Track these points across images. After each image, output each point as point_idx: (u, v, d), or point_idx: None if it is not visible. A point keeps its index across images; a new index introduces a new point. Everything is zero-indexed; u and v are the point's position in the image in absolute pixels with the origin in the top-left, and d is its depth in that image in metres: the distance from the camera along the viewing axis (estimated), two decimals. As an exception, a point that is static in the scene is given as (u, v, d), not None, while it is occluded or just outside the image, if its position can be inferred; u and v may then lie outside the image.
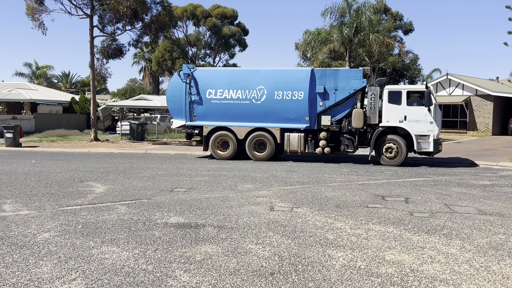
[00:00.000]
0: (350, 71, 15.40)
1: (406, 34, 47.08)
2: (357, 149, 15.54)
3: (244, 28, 62.12)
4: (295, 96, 15.38)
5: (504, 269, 4.89)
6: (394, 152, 14.65)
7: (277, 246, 5.60)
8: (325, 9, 27.34)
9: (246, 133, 15.90)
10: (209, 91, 16.22)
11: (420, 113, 14.47)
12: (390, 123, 14.77)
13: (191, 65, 16.94)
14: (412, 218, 7.26)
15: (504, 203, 8.69)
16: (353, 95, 15.22)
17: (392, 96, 14.83)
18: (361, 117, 14.85)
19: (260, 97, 15.66)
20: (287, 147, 15.60)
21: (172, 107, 17.18)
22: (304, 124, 15.46)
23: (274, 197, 8.91)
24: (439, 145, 14.64)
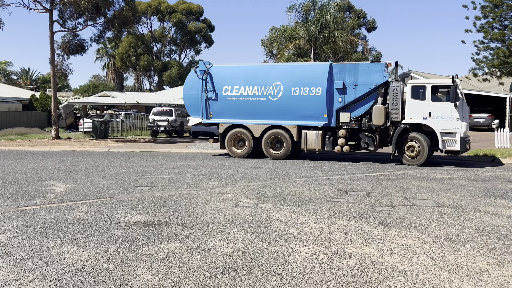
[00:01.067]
0: (371, 65, 14.62)
1: (369, 31, 48.06)
2: (378, 148, 14.78)
3: (210, 24, 61.79)
4: (312, 92, 14.78)
5: (459, 259, 5.07)
6: (416, 151, 13.76)
7: (241, 242, 5.62)
8: (290, 6, 27.58)
9: (262, 130, 15.48)
10: (225, 87, 15.84)
11: (446, 109, 13.49)
12: (413, 120, 13.90)
13: (207, 61, 16.44)
14: (374, 211, 7.43)
15: (461, 195, 9.01)
16: (374, 90, 14.42)
17: (416, 91, 13.96)
18: (382, 114, 14.08)
19: (276, 93, 15.20)
20: (304, 145, 15.04)
21: (188, 104, 16.82)
22: (322, 121, 14.83)
23: (240, 194, 8.92)
24: (466, 143, 13.67)
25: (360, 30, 46.50)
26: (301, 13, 28.31)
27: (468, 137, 13.82)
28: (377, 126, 14.23)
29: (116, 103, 41.79)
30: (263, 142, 15.48)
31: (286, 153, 15.28)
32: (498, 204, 8.20)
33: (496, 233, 6.16)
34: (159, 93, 48.60)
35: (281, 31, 30.85)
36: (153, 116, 29.00)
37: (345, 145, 14.63)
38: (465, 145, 13.55)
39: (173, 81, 55.81)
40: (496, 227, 6.49)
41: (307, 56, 35.17)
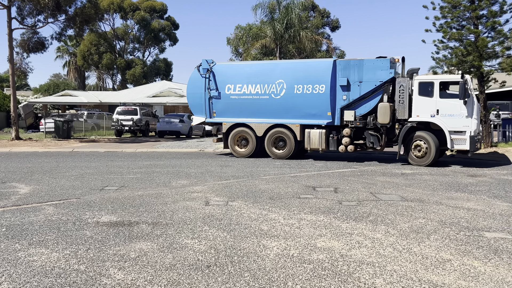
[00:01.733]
0: (376, 61, 13.96)
1: (333, 31, 48.81)
2: (385, 147, 14.21)
3: (175, 22, 61.22)
4: (316, 89, 14.33)
5: (423, 250, 5.29)
6: (423, 150, 13.15)
7: (213, 240, 5.66)
8: (255, 4, 27.76)
9: (265, 129, 15.13)
10: (228, 86, 15.52)
11: (455, 107, 12.88)
12: (420, 118, 13.29)
13: (210, 60, 16.05)
14: (341, 206, 7.61)
15: (423, 189, 9.34)
16: (380, 87, 13.85)
17: (423, 88, 13.36)
18: (387, 112, 13.49)
19: (279, 91, 14.81)
20: (308, 144, 14.55)
21: (192, 103, 16.50)
22: (326, 120, 14.35)
23: (209, 192, 8.94)
24: (476, 142, 13.05)
25: (324, 29, 47.17)
26: (266, 12, 28.51)
27: (478, 136, 13.24)
28: (382, 124, 13.70)
29: (78, 103, 40.82)
30: (266, 142, 15.14)
31: (289, 152, 14.88)
32: (459, 197, 8.55)
33: (458, 224, 6.44)
34: (123, 91, 47.81)
35: (247, 30, 30.95)
36: (117, 116, 28.52)
37: (349, 145, 14.15)
38: (475, 144, 12.93)
39: (137, 79, 54.98)
40: (457, 219, 6.78)
41: (273, 55, 35.39)
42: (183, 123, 27.29)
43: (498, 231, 6.12)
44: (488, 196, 8.63)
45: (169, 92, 41.06)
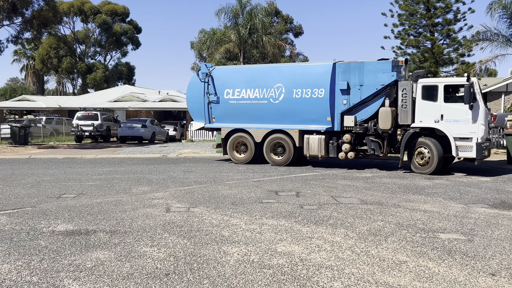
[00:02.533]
0: (377, 64, 13.32)
1: (296, 36, 49.42)
2: (387, 154, 13.41)
3: (137, 26, 60.43)
4: (315, 94, 13.78)
5: (381, 252, 5.40)
6: (425, 158, 12.43)
7: (172, 247, 5.58)
8: (219, 9, 27.73)
9: (264, 135, 14.65)
10: (226, 90, 15.11)
11: (460, 111, 12.12)
12: (423, 124, 12.56)
13: (210, 64, 15.73)
14: (302, 210, 7.68)
15: (383, 192, 9.55)
16: (382, 91, 13.14)
17: (427, 91, 12.63)
18: (388, 117, 12.79)
19: (278, 96, 14.32)
20: (307, 151, 13.93)
21: (191, 108, 16.10)
22: (325, 125, 13.75)
23: (171, 198, 8.83)
24: (484, 150, 12.07)
25: (287, 35, 47.66)
26: (230, 17, 28.58)
27: (486, 143, 12.32)
28: (384, 130, 12.98)
29: (36, 108, 39.56)
30: (265, 148, 14.67)
31: (288, 159, 14.34)
32: (416, 199, 8.79)
33: (414, 226, 6.62)
34: (83, 96, 46.69)
35: (211, 34, 30.87)
36: (77, 121, 27.80)
37: (350, 151, 13.45)
38: (482, 151, 12.00)
39: (98, 84, 53.84)
40: (414, 221, 6.96)
41: (237, 60, 35.46)
42: (145, 128, 26.88)
43: (452, 232, 6.32)
44: (443, 198, 8.91)
45: (132, 96, 40.40)
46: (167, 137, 29.60)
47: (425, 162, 12.45)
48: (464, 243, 5.76)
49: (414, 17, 22.66)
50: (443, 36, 22.66)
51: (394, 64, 13.07)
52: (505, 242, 5.82)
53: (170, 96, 42.24)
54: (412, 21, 22.65)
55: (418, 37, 22.63)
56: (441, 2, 22.45)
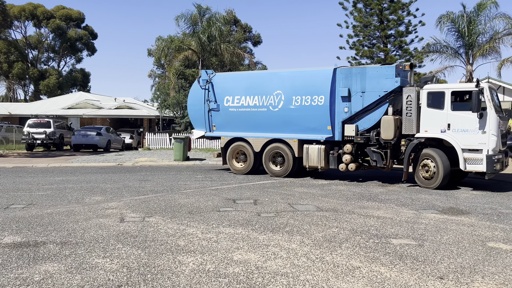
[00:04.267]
0: (380, 69, 12.48)
1: (255, 45, 49.78)
2: (391, 166, 12.42)
3: (93, 31, 59.13)
4: (314, 101, 13.02)
5: (335, 258, 5.48)
6: (431, 171, 11.40)
7: (126, 258, 5.45)
8: (178, 16, 27.54)
9: (263, 144, 14.02)
10: (226, 98, 14.57)
11: (469, 120, 11.04)
12: (428, 134, 11.59)
13: (210, 71, 15.14)
14: (260, 218, 7.69)
15: (338, 199, 9.73)
16: (385, 98, 12.24)
17: (433, 99, 11.62)
18: (391, 126, 11.85)
19: (277, 103, 13.65)
20: (306, 161, 13.17)
21: (192, 116, 15.64)
22: (325, 134, 12.95)
23: (125, 208, 8.63)
24: (495, 163, 10.85)
25: (246, 43, 47.94)
26: (189, 24, 28.44)
27: (498, 155, 11.08)
28: (386, 140, 12.03)
29: (-16, 115, 37.79)
30: (264, 157, 14.04)
31: (287, 170, 13.59)
32: (370, 206, 9.01)
33: (368, 232, 6.77)
34: (35, 103, 45.08)
35: (168, 42, 30.58)
36: (29, 128, 26.73)
37: (350, 163, 12.58)
38: (494, 165, 10.81)
39: (52, 90, 52.13)
40: (368, 227, 7.13)
41: (196, 67, 35.29)
42: (100, 136, 26.21)
43: (403, 237, 6.51)
44: (396, 205, 9.18)
45: (86, 104, 39.37)
46: (123, 145, 28.96)
47: (431, 175, 11.41)
48: (415, 248, 5.94)
49: (368, 28, 23.38)
50: (395, 48, 23.48)
51: (398, 69, 12.16)
52: (453, 247, 6.05)
53: (127, 104, 41.49)
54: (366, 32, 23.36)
55: (372, 48, 23.34)
56: (393, 14, 23.32)
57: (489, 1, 24.60)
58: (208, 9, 28.66)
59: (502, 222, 7.60)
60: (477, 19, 24.95)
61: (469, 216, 8.09)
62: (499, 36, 25.52)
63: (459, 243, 6.21)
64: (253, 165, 14.29)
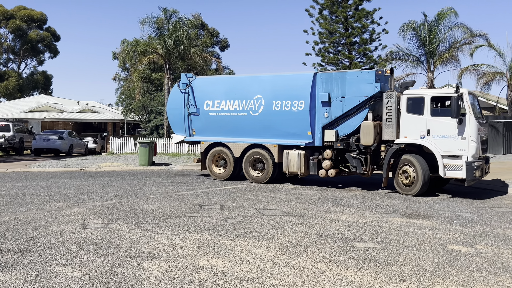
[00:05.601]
0: (360, 74, 12.31)
1: (222, 50, 49.70)
2: (371, 172, 12.24)
3: (55, 33, 57.63)
4: (294, 106, 12.84)
5: (301, 263, 5.51)
6: (410, 177, 11.25)
7: (88, 266, 5.30)
8: (143, 19, 27.14)
9: (243, 150, 13.73)
10: (206, 102, 14.29)
11: (449, 126, 10.93)
12: (408, 139, 11.47)
13: (190, 74, 14.82)
14: (226, 223, 7.66)
15: (304, 204, 9.81)
16: (365, 103, 12.11)
17: (412, 104, 11.51)
18: (370, 132, 11.72)
19: (257, 108, 13.42)
20: (286, 167, 12.94)
21: (172, 121, 15.22)
22: (305, 139, 12.77)
23: (88, 214, 8.41)
24: (475, 169, 10.70)
25: (213, 48, 47.79)
26: (155, 27, 28.09)
27: (478, 162, 10.91)
28: (366, 146, 11.88)
29: None
30: (244, 163, 13.77)
31: (267, 176, 13.34)
32: (335, 210, 9.12)
33: (333, 236, 6.85)
34: (-7, 106, 43.40)
35: (134, 45, 30.08)
36: (-14, 132, 25.70)
37: (330, 169, 12.41)
38: (473, 171, 10.65)
39: (11, 93, 50.38)
40: (333, 231, 7.21)
41: (162, 71, 34.91)
42: (62, 140, 25.49)
43: (368, 241, 6.63)
44: (360, 209, 9.33)
45: (48, 107, 38.26)
46: (86, 150, 28.27)
47: (410, 181, 11.27)
48: (379, 252, 6.05)
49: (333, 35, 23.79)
50: (360, 55, 23.98)
51: (378, 74, 12.03)
52: (415, 249, 6.20)
53: (90, 107, 40.59)
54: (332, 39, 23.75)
55: (338, 55, 23.75)
56: (358, 22, 23.81)
57: (449, 11, 25.49)
58: (175, 12, 28.42)
59: (462, 225, 7.86)
60: (437, 28, 25.78)
61: (430, 219, 8.32)
62: (458, 45, 26.44)
63: (421, 246, 6.36)
64: (233, 171, 14.06)
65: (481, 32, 26.27)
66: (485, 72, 26.69)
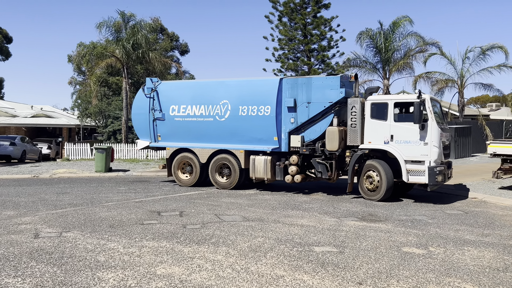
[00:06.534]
0: (325, 79, 12.38)
1: (182, 54, 49.34)
2: (336, 177, 12.24)
3: (7, 35, 55.51)
4: (261, 111, 12.79)
5: (260, 268, 5.52)
6: (375, 182, 11.34)
7: (40, 276, 5.10)
8: (100, 22, 26.54)
9: (209, 155, 13.52)
10: (172, 107, 13.96)
11: (412, 132, 11.07)
12: (372, 145, 11.58)
13: (156, 79, 14.37)
14: (185, 230, 7.57)
15: (264, 209, 9.84)
16: (330, 109, 12.15)
17: (376, 109, 11.60)
18: (335, 137, 11.75)
19: (224, 113, 13.29)
20: (253, 173, 12.84)
21: (137, 126, 14.78)
22: (272, 145, 12.72)
23: (41, 223, 8.11)
24: (437, 174, 10.87)
25: (173, 52, 47.34)
26: (112, 31, 27.52)
27: (440, 167, 11.09)
28: (331, 151, 11.92)
29: None
30: (210, 169, 13.56)
31: (233, 181, 13.21)
32: (295, 215, 9.20)
33: (292, 241, 6.90)
34: None
35: (90, 48, 29.35)
36: None
37: (296, 174, 12.40)
38: (435, 177, 10.85)
39: (-41, 96, 48.00)
40: (292, 236, 7.27)
41: (120, 75, 34.25)
42: (14, 146, 24.49)
43: (325, 245, 6.72)
44: (319, 213, 9.46)
45: (-1, 111, 36.71)
46: (40, 156, 27.28)
47: (375, 186, 11.37)
48: (336, 255, 6.15)
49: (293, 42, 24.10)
50: (318, 62, 24.40)
51: (343, 80, 12.19)
52: (371, 252, 6.34)
53: (45, 112, 39.28)
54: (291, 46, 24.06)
55: (297, 61, 24.07)
56: (316, 29, 24.22)
57: (403, 19, 26.37)
58: (133, 16, 27.97)
59: (416, 228, 8.11)
60: (392, 37, 26.62)
61: (386, 223, 8.54)
62: (412, 53, 27.40)
63: (376, 249, 6.52)
64: (199, 177, 13.83)
65: (434, 40, 27.39)
66: (437, 79, 27.81)
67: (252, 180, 13.44)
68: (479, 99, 65.37)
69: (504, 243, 7.04)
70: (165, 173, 15.38)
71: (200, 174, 13.81)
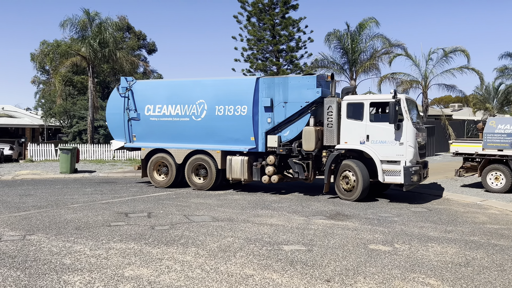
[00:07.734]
0: (302, 79, 12.32)
1: (150, 53, 48.69)
2: (313, 177, 12.22)
3: (-35, 31, 53.32)
4: (237, 111, 12.65)
5: (229, 268, 5.53)
6: (351, 182, 11.35)
7: (2, 281, 4.95)
8: (64, 20, 25.87)
9: (185, 156, 13.29)
10: (147, 106, 13.67)
11: (387, 132, 11.09)
12: (348, 145, 11.57)
13: (131, 78, 14.00)
14: (153, 231, 7.50)
15: (233, 209, 9.85)
16: (307, 109, 12.12)
17: (352, 109, 11.60)
18: (312, 137, 11.73)
19: (200, 113, 13.09)
20: (229, 173, 12.70)
21: (111, 126, 14.42)
22: (249, 145, 12.62)
23: (3, 226, 7.86)
24: (412, 174, 10.90)
25: (140, 51, 46.67)
26: (77, 29, 26.88)
27: (416, 167, 11.11)
28: (307, 151, 11.91)
29: None
30: (186, 170, 13.35)
31: (210, 182, 13.04)
32: (264, 214, 9.25)
33: (261, 240, 6.94)
34: None
35: (54, 46, 28.58)
36: None
37: (273, 174, 12.33)
38: (411, 176, 10.88)
39: None
40: (261, 235, 7.31)
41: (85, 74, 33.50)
42: (-26, 147, 23.63)
43: (294, 243, 6.79)
44: (288, 212, 9.54)
45: (-43, 111, 35.31)
46: (2, 157, 26.38)
47: (351, 187, 11.37)
48: (305, 253, 6.23)
49: (261, 42, 24.20)
50: (287, 62, 24.59)
51: (319, 80, 12.17)
52: (339, 250, 6.45)
53: (6, 112, 37.99)
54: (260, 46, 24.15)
55: (266, 61, 24.19)
56: (285, 30, 24.40)
57: (369, 20, 26.88)
58: (98, 15, 27.41)
59: (382, 225, 8.29)
60: (359, 38, 27.09)
61: (353, 220, 8.70)
62: (378, 54, 27.97)
63: (344, 247, 6.63)
64: (175, 178, 13.64)
65: (399, 42, 28.05)
66: (402, 80, 28.47)
67: (229, 181, 13.28)
68: (442, 100, 67.39)
69: (466, 239, 7.29)
70: (133, 174, 15.18)
71: (176, 175, 13.63)
